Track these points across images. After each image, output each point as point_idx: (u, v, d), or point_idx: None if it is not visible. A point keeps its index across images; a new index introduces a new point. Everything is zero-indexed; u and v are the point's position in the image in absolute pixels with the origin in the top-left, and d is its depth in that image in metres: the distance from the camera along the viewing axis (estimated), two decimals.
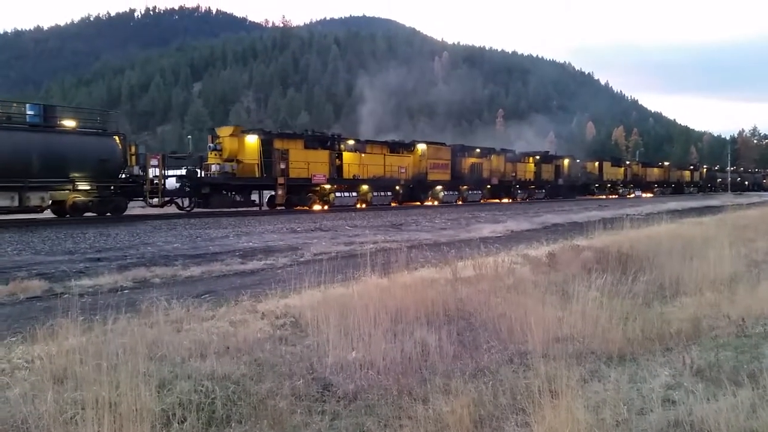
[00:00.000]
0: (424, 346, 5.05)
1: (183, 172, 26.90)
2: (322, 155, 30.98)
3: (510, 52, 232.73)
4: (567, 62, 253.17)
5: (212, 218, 22.79)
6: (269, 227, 19.75)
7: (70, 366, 4.18)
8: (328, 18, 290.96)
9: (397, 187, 35.69)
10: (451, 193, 39.62)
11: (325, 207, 30.61)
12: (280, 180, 28.13)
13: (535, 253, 10.90)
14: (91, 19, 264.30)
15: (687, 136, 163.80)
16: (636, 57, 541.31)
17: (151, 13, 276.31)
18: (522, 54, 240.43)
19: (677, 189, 75.21)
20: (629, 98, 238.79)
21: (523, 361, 4.88)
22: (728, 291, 7.34)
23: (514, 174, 46.36)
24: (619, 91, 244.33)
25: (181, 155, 30.62)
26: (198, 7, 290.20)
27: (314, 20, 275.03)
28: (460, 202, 40.01)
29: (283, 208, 29.04)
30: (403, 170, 35.83)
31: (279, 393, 3.98)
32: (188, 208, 25.88)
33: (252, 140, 28.00)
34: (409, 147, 37.63)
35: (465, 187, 41.15)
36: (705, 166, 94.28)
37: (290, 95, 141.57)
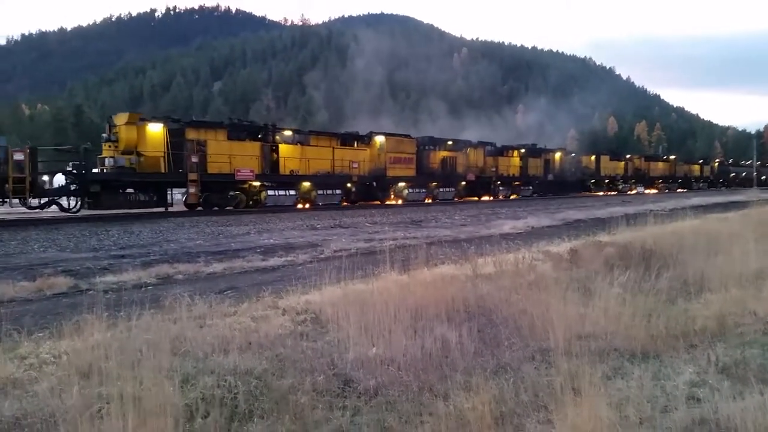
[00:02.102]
0: (445, 343, 5.03)
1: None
2: (251, 147, 27.31)
3: (530, 48, 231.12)
4: (588, 57, 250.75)
5: (233, 216, 22.98)
6: (289, 224, 19.86)
7: (95, 361, 4.25)
8: (346, 15, 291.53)
9: (349, 185, 32.04)
10: (417, 190, 36.31)
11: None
12: (192, 176, 24.17)
13: (556, 250, 10.81)
14: (113, 19, 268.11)
15: (710, 130, 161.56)
16: (658, 51, 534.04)
17: (172, 12, 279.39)
18: (542, 49, 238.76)
19: (685, 184, 71.04)
20: (651, 93, 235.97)
21: (544, 358, 4.84)
22: (754, 287, 7.20)
23: (494, 169, 42.97)
24: (641, 86, 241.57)
25: (65, 147, 25.90)
26: (218, 6, 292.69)
27: (333, 18, 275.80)
28: (429, 201, 36.79)
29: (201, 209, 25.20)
30: (356, 165, 32.15)
31: (300, 388, 4.00)
32: (74, 210, 22.11)
33: (155, 129, 24.22)
34: (364, 139, 34.24)
35: (435, 183, 37.72)
36: (717, 160, 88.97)
37: (309, 93, 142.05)
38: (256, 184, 27.54)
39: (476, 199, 40.53)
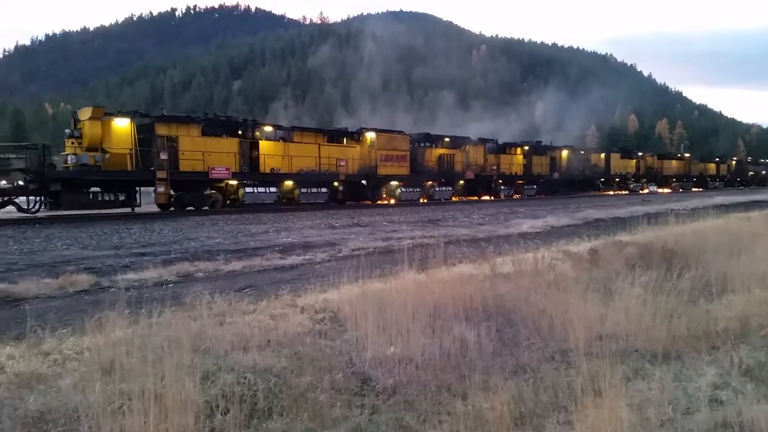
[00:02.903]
0: (463, 342, 5.02)
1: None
2: (228, 144, 25.79)
3: (549, 44, 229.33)
4: (608, 53, 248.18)
5: (252, 214, 23.12)
6: (308, 223, 19.94)
7: (117, 358, 4.30)
8: (365, 13, 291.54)
9: (336, 183, 30.46)
10: (411, 190, 34.60)
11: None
12: (161, 174, 22.69)
13: (576, 249, 10.72)
14: (134, 19, 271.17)
15: (734, 128, 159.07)
16: (680, 47, 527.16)
17: (192, 12, 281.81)
18: (562, 45, 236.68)
19: (700, 183, 68.81)
20: (673, 90, 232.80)
21: (564, 358, 4.81)
22: None
23: (495, 167, 41.18)
24: (662, 83, 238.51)
25: (24, 144, 23.59)
26: (237, 5, 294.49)
27: (351, 16, 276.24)
28: (424, 201, 35.26)
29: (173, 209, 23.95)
30: (343, 163, 30.49)
31: (319, 386, 4.02)
32: (33, 210, 20.82)
33: (122, 125, 22.82)
34: (354, 136, 32.55)
35: (430, 182, 36.11)
36: (734, 158, 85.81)
37: (328, 91, 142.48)
38: (233, 182, 26.00)
39: (476, 198, 39.01)
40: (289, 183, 28.19)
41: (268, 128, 28.62)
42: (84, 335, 5.19)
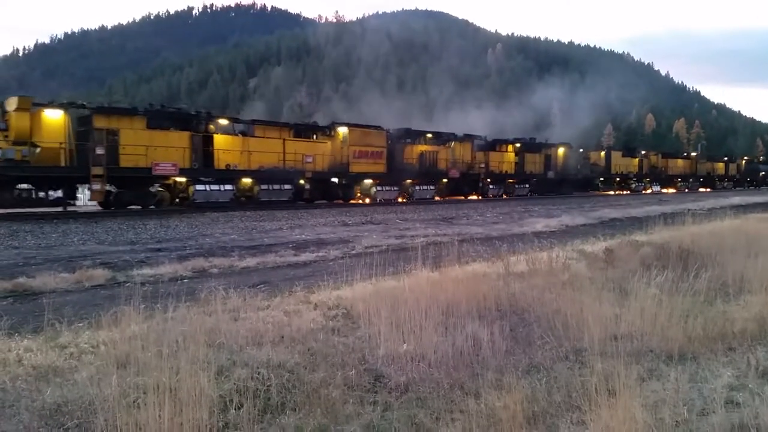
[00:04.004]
0: (476, 341, 5.01)
1: None
2: (178, 138, 23.52)
3: (566, 43, 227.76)
4: (626, 52, 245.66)
5: (266, 211, 23.22)
6: (321, 220, 20.00)
7: (132, 352, 4.35)
8: (380, 12, 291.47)
9: (302, 181, 28.22)
10: (387, 188, 32.43)
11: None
12: (96, 170, 20.69)
13: (591, 249, 10.65)
14: (152, 17, 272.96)
15: (752, 128, 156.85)
16: (698, 46, 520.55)
17: (209, 11, 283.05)
18: (578, 44, 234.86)
19: (707, 183, 65.46)
20: (691, 89, 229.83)
21: (578, 358, 4.78)
22: None
23: (483, 165, 38.68)
24: (680, 82, 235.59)
25: None
26: (254, 4, 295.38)
27: (367, 14, 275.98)
28: (402, 200, 33.06)
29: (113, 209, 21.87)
30: (310, 159, 28.44)
31: (332, 382, 4.04)
32: None
33: (54, 116, 20.83)
34: (326, 131, 30.56)
35: (410, 181, 33.86)
36: (745, 158, 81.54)
37: (342, 90, 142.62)
38: (181, 179, 23.88)
39: (462, 198, 36.75)
40: (247, 180, 26.12)
41: (223, 121, 26.66)
42: (100, 329, 5.25)
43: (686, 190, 59.20)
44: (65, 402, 3.69)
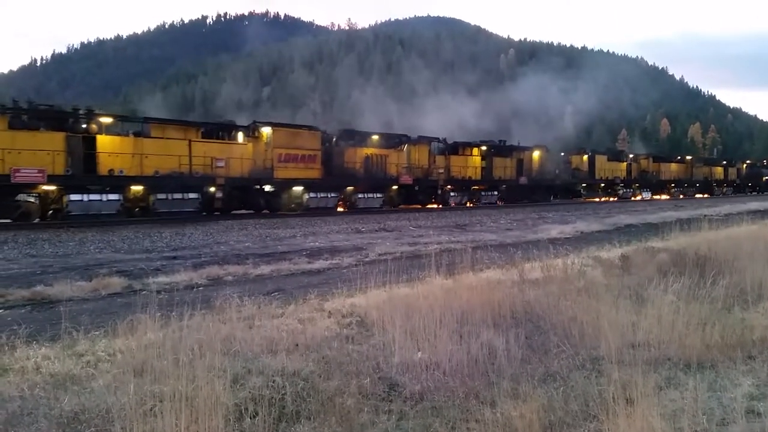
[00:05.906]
0: (491, 349, 4.98)
1: None
2: (49, 139, 20.06)
3: (579, 48, 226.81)
4: (639, 57, 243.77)
5: (280, 218, 23.33)
6: (335, 227, 20.05)
7: (148, 360, 4.37)
8: (392, 19, 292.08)
9: (212, 189, 23.98)
10: (323, 196, 28.57)
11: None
12: None
13: (606, 255, 10.57)
14: (166, 26, 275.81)
15: None
16: (713, 50, 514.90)
17: (223, 19, 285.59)
18: (592, 49, 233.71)
19: (704, 189, 61.47)
20: (706, 94, 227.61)
21: (595, 366, 4.73)
22: None
23: (442, 170, 35.12)
24: (695, 86, 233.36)
25: None
26: (267, 12, 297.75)
27: (379, 21, 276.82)
28: (342, 209, 29.82)
29: None
30: (222, 164, 24.41)
31: (346, 391, 4.03)
32: None
33: None
34: (247, 131, 26.57)
35: (352, 188, 30.17)
36: (746, 161, 76.36)
37: (355, 97, 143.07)
38: (51, 188, 20.18)
39: (419, 207, 33.48)
40: (137, 188, 22.09)
41: (108, 119, 22.65)
42: (116, 337, 5.29)
43: (681, 197, 55.50)
44: (83, 410, 3.71)
